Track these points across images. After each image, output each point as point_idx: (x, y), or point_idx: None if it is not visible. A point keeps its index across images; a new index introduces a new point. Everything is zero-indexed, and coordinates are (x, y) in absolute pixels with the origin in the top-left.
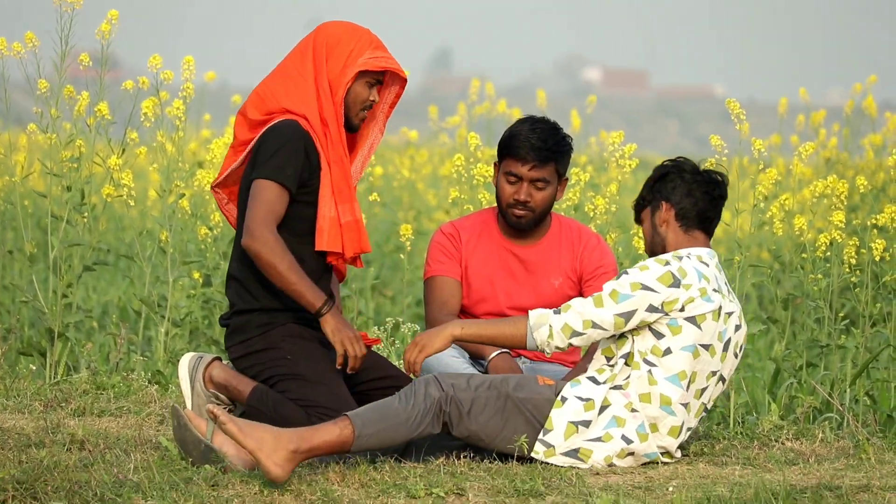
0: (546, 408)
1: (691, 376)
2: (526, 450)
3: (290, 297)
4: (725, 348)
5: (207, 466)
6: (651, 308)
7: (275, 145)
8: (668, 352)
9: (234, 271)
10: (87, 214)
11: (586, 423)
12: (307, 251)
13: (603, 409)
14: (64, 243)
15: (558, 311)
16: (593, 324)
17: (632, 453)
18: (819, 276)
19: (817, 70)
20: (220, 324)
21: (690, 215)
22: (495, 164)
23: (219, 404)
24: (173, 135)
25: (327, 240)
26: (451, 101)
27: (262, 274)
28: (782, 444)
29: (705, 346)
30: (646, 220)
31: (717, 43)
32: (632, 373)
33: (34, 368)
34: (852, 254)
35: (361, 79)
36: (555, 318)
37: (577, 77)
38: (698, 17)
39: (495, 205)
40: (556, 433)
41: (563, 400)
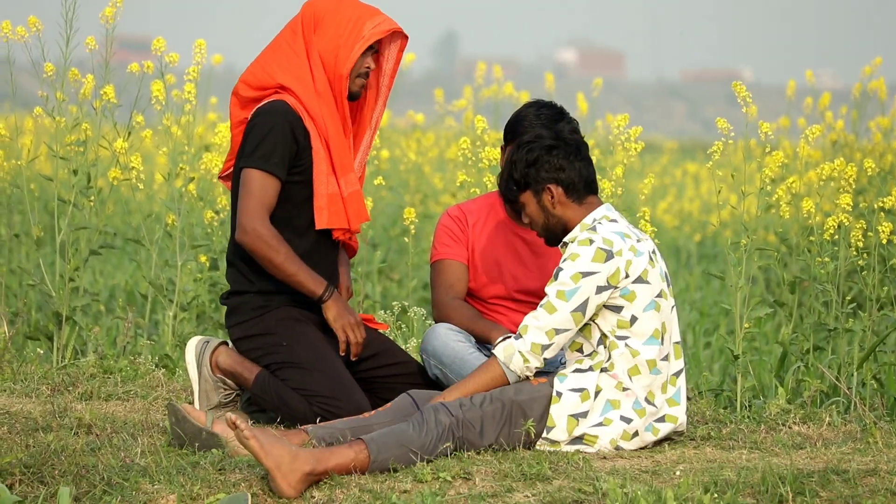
0: (548, 402)
1: (662, 328)
2: (533, 433)
3: (291, 286)
4: (667, 281)
5: (214, 451)
6: (599, 289)
7: (261, 132)
8: (633, 320)
9: (230, 255)
10: (93, 198)
11: (584, 413)
12: (306, 231)
13: (596, 394)
14: (71, 227)
15: (519, 336)
16: (556, 330)
17: (636, 433)
18: (826, 259)
19: (811, 52)
20: (220, 302)
21: (579, 186)
22: (502, 147)
23: (226, 389)
24: (180, 118)
25: (328, 217)
26: (457, 84)
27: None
28: (789, 427)
29: (659, 295)
30: (529, 204)
31: (720, 25)
32: (612, 353)
33: (41, 352)
34: (859, 237)
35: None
36: (520, 343)
37: (552, 58)
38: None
39: None
40: (558, 429)
41: (559, 395)
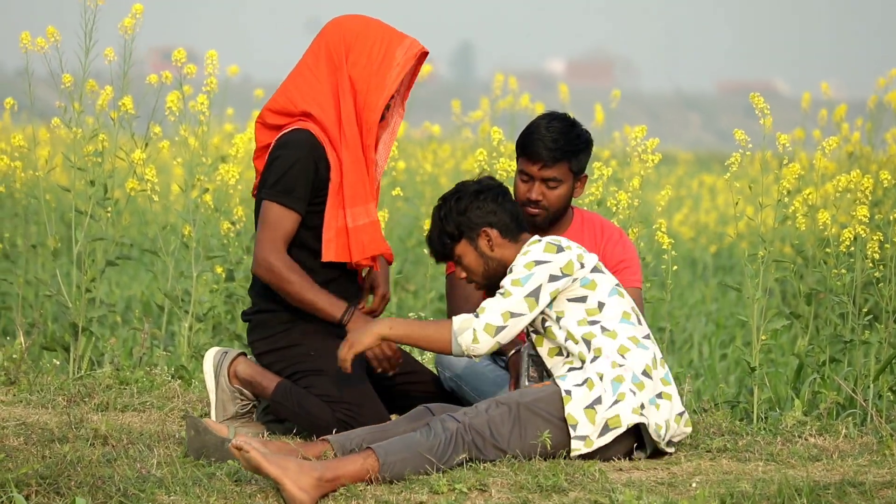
0: (557, 401)
1: (633, 311)
2: (549, 446)
3: (310, 313)
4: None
5: (230, 462)
6: (552, 277)
7: (284, 164)
8: (601, 305)
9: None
10: (110, 209)
11: (598, 399)
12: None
13: (600, 378)
14: (87, 238)
15: (478, 315)
16: (511, 314)
17: (643, 406)
18: (842, 270)
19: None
20: (242, 319)
21: (512, 226)
22: (517, 160)
23: (242, 400)
24: (196, 129)
25: (334, 250)
26: (474, 95)
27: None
28: (805, 439)
29: (618, 285)
30: (466, 254)
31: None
32: (592, 342)
33: (57, 363)
34: (875, 248)
35: None
36: (476, 321)
37: (540, 68)
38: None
39: None
40: (582, 424)
41: (568, 393)
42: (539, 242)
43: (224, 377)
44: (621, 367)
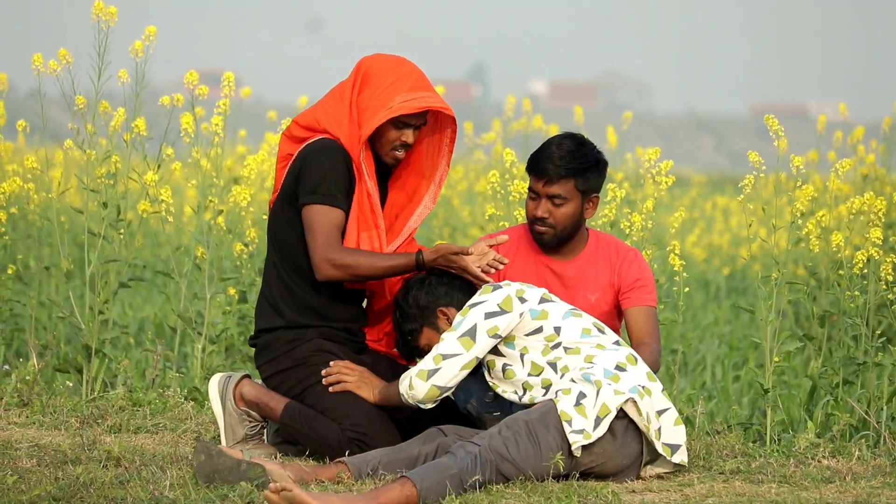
0: (557, 411)
1: (594, 327)
2: (562, 467)
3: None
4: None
5: (243, 483)
6: (488, 314)
7: (321, 168)
8: (558, 329)
9: (262, 290)
10: (123, 230)
11: (583, 395)
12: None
13: (573, 381)
14: (100, 259)
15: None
16: (443, 356)
17: (622, 392)
18: (856, 293)
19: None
20: (249, 344)
21: (465, 300)
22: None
23: (250, 422)
24: (209, 151)
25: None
26: (486, 117)
27: (287, 290)
28: (819, 461)
29: (575, 309)
30: (431, 338)
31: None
32: (557, 363)
33: (70, 385)
34: (889, 270)
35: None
36: (412, 369)
37: (524, 90)
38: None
39: None
40: (576, 419)
41: (556, 396)
42: (475, 293)
43: (230, 401)
44: (591, 367)
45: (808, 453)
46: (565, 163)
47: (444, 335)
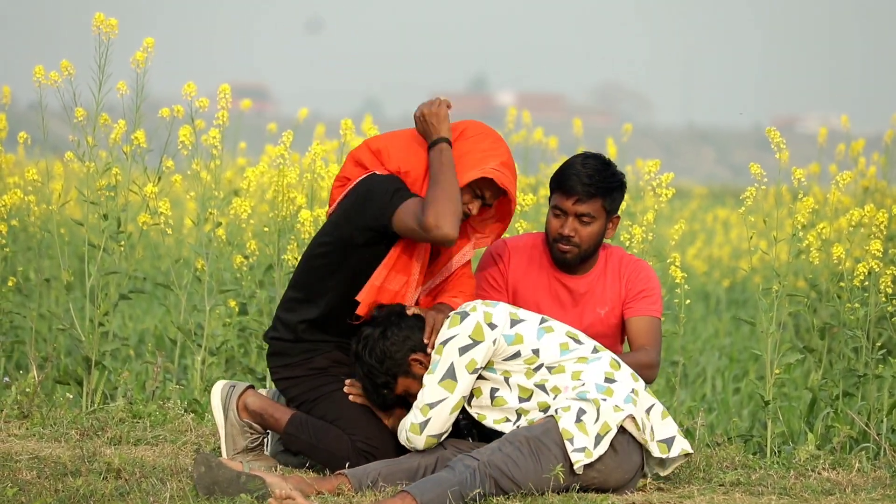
0: (558, 429)
1: (569, 338)
2: (562, 480)
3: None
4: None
5: (243, 495)
6: (462, 349)
7: (388, 183)
8: (536, 352)
9: (281, 307)
10: (123, 243)
11: (583, 412)
12: (349, 301)
13: (568, 400)
14: (101, 271)
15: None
16: (429, 406)
17: (618, 405)
18: (856, 305)
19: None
20: (264, 338)
21: (422, 337)
22: (549, 198)
23: (252, 434)
24: (209, 163)
25: (362, 307)
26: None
27: (309, 314)
28: (819, 473)
29: (543, 321)
30: (409, 385)
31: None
32: (546, 384)
33: (71, 397)
34: (889, 283)
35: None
36: (404, 422)
37: (490, 100)
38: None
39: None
40: (578, 437)
41: (557, 413)
42: (447, 320)
43: (233, 411)
44: (582, 385)
45: (809, 465)
46: (595, 181)
47: (424, 380)
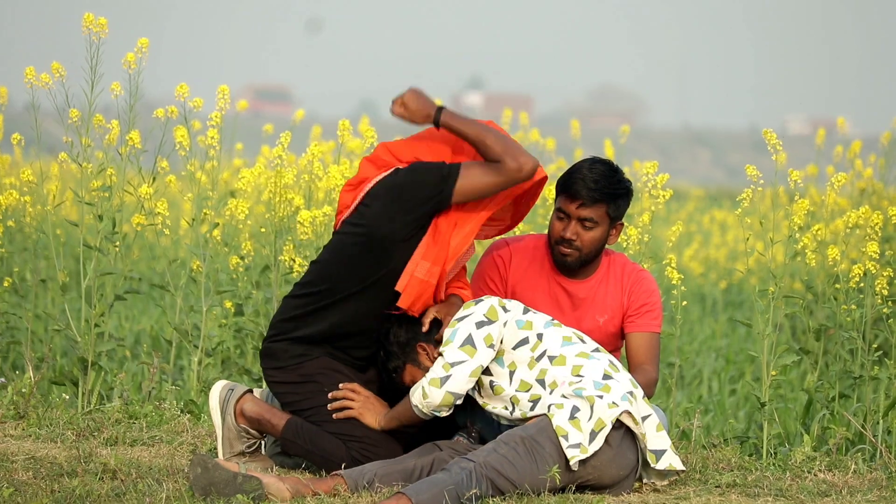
0: (552, 426)
1: (574, 335)
2: (559, 481)
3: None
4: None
5: (239, 496)
6: (479, 324)
7: (432, 164)
8: (541, 336)
9: (290, 295)
10: (119, 243)
11: (577, 409)
12: (385, 297)
13: (565, 397)
14: (96, 272)
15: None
16: (451, 364)
17: (615, 403)
18: (852, 306)
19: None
20: (263, 343)
21: (432, 329)
22: (555, 200)
23: (249, 439)
24: (205, 164)
25: (405, 298)
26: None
27: (305, 310)
28: (815, 475)
29: (553, 320)
30: (415, 374)
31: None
32: (545, 378)
33: (67, 397)
34: (885, 284)
35: None
36: (423, 380)
37: (458, 101)
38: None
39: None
40: (572, 433)
41: (550, 410)
42: (460, 312)
43: (230, 416)
44: (580, 381)
45: (805, 467)
46: (600, 187)
47: (442, 349)
